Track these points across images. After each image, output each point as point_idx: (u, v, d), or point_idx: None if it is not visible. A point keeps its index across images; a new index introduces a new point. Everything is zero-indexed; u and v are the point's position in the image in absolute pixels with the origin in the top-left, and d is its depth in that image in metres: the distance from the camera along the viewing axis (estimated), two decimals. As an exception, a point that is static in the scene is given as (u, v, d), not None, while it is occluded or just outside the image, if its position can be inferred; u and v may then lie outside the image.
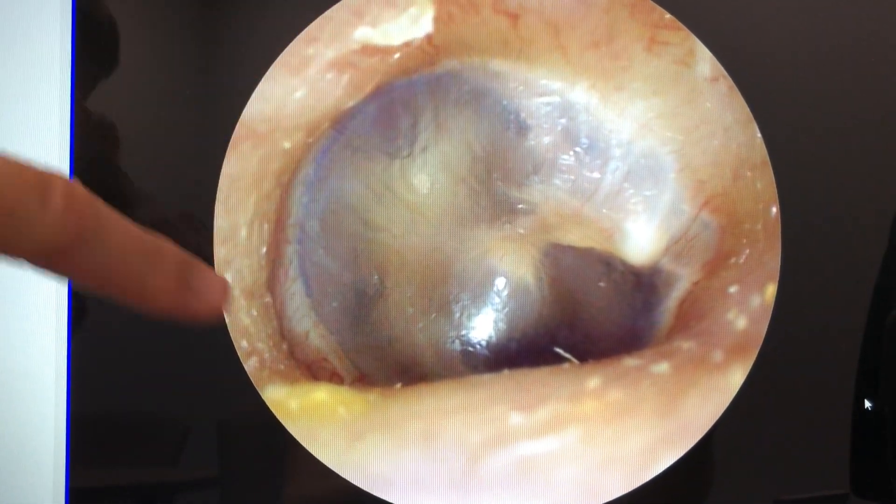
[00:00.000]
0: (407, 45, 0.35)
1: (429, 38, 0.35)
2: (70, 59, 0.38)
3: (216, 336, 0.35)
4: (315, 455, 0.33)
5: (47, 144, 0.38)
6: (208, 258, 0.35)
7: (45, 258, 0.18)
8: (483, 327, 0.36)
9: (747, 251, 0.34)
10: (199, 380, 0.36)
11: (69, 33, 0.38)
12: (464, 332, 0.36)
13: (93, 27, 0.38)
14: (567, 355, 0.35)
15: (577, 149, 0.36)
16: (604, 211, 0.36)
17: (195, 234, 0.35)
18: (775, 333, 0.34)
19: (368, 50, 0.35)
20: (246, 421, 0.36)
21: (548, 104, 0.36)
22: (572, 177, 0.36)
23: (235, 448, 0.37)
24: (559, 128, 0.36)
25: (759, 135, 0.35)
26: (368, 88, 0.35)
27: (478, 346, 0.36)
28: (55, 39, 0.38)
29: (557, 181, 0.36)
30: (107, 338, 0.37)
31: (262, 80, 0.35)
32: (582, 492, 0.32)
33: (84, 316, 0.37)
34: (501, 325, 0.36)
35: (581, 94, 0.36)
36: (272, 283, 0.35)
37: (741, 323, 0.33)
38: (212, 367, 0.36)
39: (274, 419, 0.34)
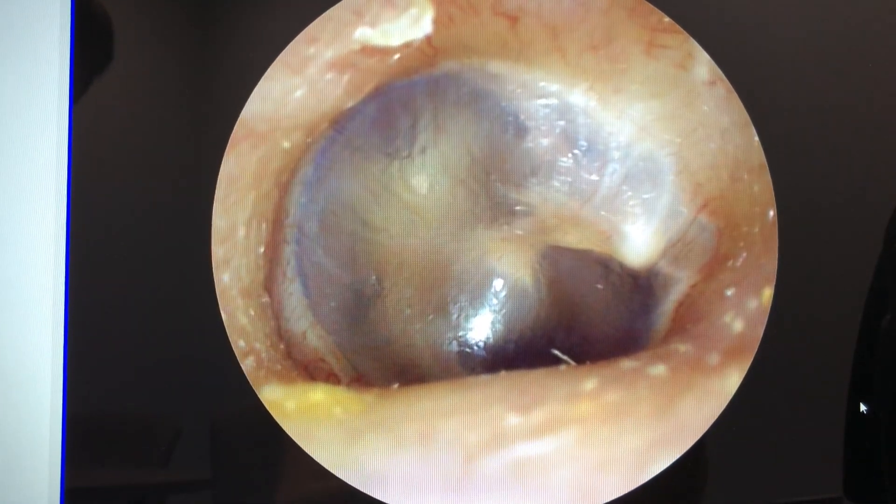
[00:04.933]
0: (407, 45, 0.35)
1: (428, 39, 0.35)
2: (69, 58, 0.38)
3: (213, 336, 0.35)
4: (311, 455, 0.33)
5: (46, 143, 0.38)
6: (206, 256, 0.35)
7: None
8: (481, 328, 0.36)
9: (744, 254, 0.34)
10: (197, 380, 0.36)
11: (68, 32, 0.38)
12: (461, 334, 0.36)
13: (92, 27, 0.38)
14: (564, 357, 0.35)
15: (576, 151, 0.36)
16: (602, 213, 0.36)
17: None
18: (771, 336, 0.34)
19: (368, 50, 0.35)
20: (244, 421, 0.36)
21: (546, 106, 0.36)
22: (570, 179, 0.36)
23: (233, 448, 0.37)
24: (557, 130, 0.36)
25: (756, 138, 0.35)
26: (368, 89, 0.35)
27: (475, 348, 0.36)
28: (54, 38, 0.38)
29: (556, 183, 0.36)
30: (103, 338, 0.37)
31: (262, 79, 0.35)
32: (578, 493, 0.32)
33: (80, 315, 0.37)
34: (499, 327, 0.36)
35: (579, 97, 0.36)
36: (270, 282, 0.35)
37: (738, 326, 0.34)
38: (209, 367, 0.36)
39: (271, 419, 0.34)
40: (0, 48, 0.38)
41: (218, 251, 0.34)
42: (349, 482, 0.33)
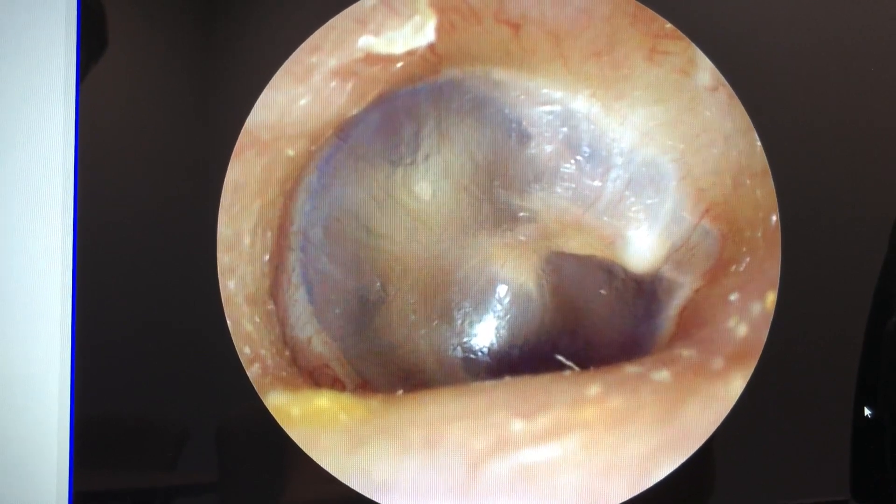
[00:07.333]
0: (410, 53, 0.35)
1: (431, 47, 0.35)
2: (75, 67, 0.38)
3: (220, 342, 0.35)
4: (316, 461, 0.34)
5: (51, 151, 0.38)
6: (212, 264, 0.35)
7: None
8: (485, 334, 0.36)
9: (748, 259, 0.34)
10: (203, 386, 0.36)
11: (74, 40, 0.38)
12: (466, 339, 0.36)
13: (98, 38, 0.38)
14: (568, 362, 0.35)
15: (579, 157, 0.36)
16: (605, 219, 0.36)
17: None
18: (775, 341, 0.34)
19: (371, 58, 0.35)
20: (248, 427, 0.36)
21: (549, 113, 0.36)
22: (574, 185, 0.36)
23: (238, 453, 0.37)
24: (560, 136, 0.36)
25: (758, 143, 0.35)
26: (372, 97, 0.36)
27: (479, 353, 0.36)
28: (59, 45, 0.38)
29: (559, 189, 0.36)
30: (111, 342, 0.37)
31: (266, 88, 0.35)
32: (583, 498, 0.32)
33: (88, 320, 0.37)
34: (503, 332, 0.36)
35: (582, 103, 0.36)
36: (275, 290, 0.35)
37: (741, 330, 0.34)
38: (215, 374, 0.36)
39: (276, 425, 0.34)
40: (1, 52, 0.39)
41: (223, 259, 0.34)
42: (354, 488, 0.33)
